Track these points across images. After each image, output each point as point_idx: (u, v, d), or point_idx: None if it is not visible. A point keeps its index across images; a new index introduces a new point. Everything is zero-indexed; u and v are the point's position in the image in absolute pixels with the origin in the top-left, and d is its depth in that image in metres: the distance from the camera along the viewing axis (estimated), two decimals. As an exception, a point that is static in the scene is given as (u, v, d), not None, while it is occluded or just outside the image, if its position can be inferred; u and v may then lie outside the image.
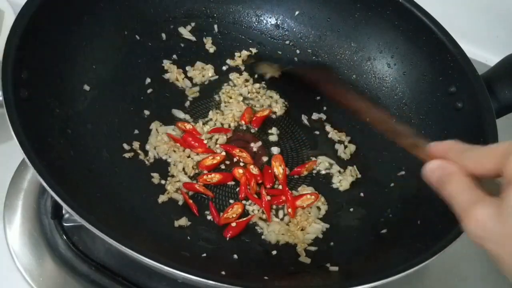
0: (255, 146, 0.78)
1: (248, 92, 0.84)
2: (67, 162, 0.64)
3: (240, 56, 0.87)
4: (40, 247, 0.69)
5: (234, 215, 0.69)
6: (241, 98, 0.83)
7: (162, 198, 0.69)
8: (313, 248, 0.68)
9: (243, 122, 0.80)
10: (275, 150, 0.78)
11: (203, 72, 0.84)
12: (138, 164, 0.72)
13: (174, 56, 0.84)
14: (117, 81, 0.77)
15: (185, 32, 0.86)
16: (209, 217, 0.69)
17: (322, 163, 0.78)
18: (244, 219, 0.69)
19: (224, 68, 0.87)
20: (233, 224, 0.68)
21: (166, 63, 0.83)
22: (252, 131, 0.80)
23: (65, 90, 0.70)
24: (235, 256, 0.65)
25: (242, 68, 0.87)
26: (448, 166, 0.47)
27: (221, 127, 0.79)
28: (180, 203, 0.70)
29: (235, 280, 0.53)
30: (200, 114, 0.80)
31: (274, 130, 0.81)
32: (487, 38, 1.07)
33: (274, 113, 0.83)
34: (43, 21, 0.66)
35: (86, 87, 0.73)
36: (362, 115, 0.72)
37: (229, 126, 0.79)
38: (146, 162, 0.72)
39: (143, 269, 0.66)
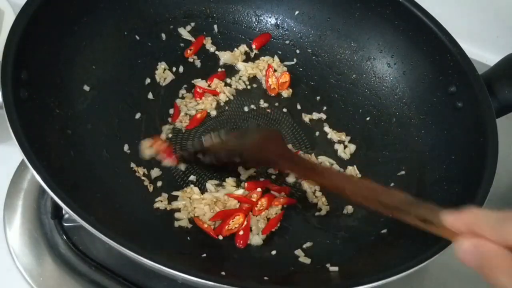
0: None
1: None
2: (67, 162, 0.64)
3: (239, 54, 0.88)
4: (40, 247, 0.69)
5: (237, 225, 0.68)
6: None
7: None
8: (312, 248, 0.68)
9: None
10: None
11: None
12: (138, 164, 0.72)
13: (174, 56, 0.84)
14: (117, 81, 0.77)
15: (184, 32, 0.86)
16: (209, 217, 0.70)
17: (322, 163, 0.78)
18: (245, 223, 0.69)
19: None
20: (241, 233, 0.68)
21: (161, 66, 0.82)
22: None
23: (65, 90, 0.70)
24: (235, 256, 0.65)
25: (239, 65, 0.87)
26: (486, 246, 0.38)
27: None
28: (180, 203, 0.70)
29: (235, 280, 0.53)
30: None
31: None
32: (487, 38, 1.07)
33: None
34: (43, 21, 0.66)
35: (86, 87, 0.73)
36: (340, 191, 0.61)
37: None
38: (146, 162, 0.73)
39: (143, 269, 0.66)
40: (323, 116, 0.84)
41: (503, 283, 0.37)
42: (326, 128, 0.82)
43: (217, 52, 0.87)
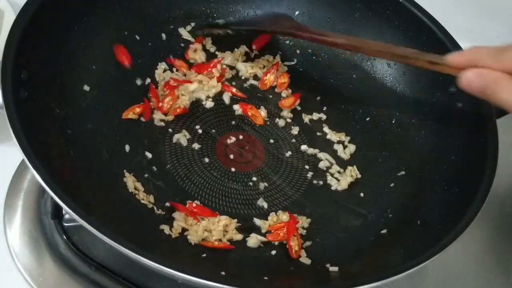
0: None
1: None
2: (67, 162, 0.64)
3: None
4: (40, 247, 0.69)
5: None
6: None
7: (162, 198, 0.69)
8: (312, 248, 0.68)
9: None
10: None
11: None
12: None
13: (174, 57, 0.84)
14: (117, 81, 0.77)
15: (184, 33, 0.86)
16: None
17: (322, 162, 0.78)
18: None
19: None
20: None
21: (161, 66, 0.82)
22: (257, 129, 0.80)
23: (65, 90, 0.69)
24: (235, 256, 0.65)
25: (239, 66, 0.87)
26: (488, 73, 0.45)
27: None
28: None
29: (235, 280, 0.53)
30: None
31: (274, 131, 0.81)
32: (487, 38, 1.07)
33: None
34: (43, 21, 0.66)
35: (86, 87, 0.73)
36: (358, 50, 0.71)
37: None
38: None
39: (143, 269, 0.66)
40: (323, 116, 0.84)
41: (505, 98, 0.45)
42: (326, 129, 0.82)
43: (217, 53, 0.87)
